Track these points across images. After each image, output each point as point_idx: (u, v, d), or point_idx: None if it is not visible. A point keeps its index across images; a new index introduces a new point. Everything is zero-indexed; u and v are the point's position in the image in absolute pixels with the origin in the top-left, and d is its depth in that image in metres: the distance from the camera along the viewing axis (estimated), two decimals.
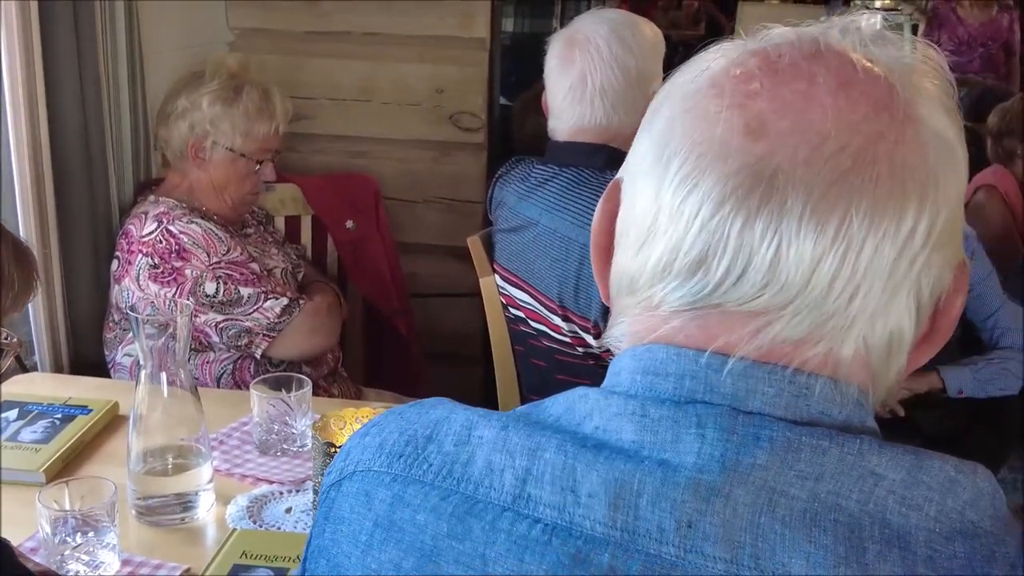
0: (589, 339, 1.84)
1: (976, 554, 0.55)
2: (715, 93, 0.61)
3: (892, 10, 6.78)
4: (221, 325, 1.97)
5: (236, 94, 2.06)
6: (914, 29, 6.20)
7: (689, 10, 8.01)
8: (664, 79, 0.67)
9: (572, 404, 0.64)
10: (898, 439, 0.59)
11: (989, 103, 3.57)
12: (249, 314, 1.97)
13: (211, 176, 2.08)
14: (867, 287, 0.58)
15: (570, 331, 1.86)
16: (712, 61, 0.64)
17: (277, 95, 2.12)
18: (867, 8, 6.69)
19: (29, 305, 1.94)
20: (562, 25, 1.97)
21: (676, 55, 0.70)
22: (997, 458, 2.57)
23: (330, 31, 2.71)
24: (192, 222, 1.99)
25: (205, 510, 1.43)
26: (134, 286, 1.96)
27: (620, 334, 0.67)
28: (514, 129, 3.24)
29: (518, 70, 3.49)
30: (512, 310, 2.03)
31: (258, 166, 2.10)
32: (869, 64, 0.61)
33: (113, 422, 1.68)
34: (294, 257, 2.29)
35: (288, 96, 2.19)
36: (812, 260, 0.57)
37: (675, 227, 0.60)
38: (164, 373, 1.39)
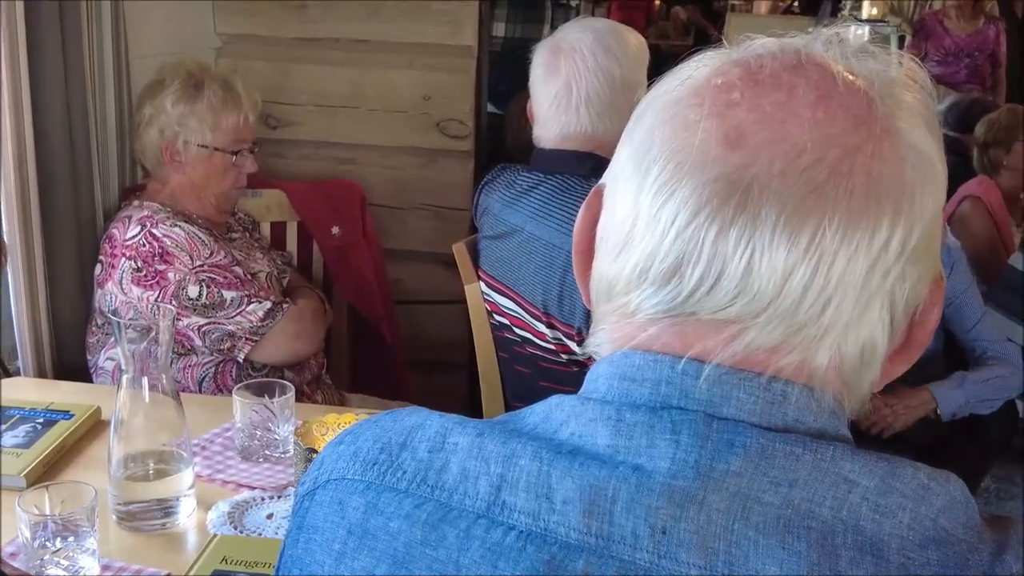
0: (573, 346, 1.84)
1: (949, 562, 0.56)
2: (696, 102, 0.62)
3: (879, 21, 6.82)
4: (204, 328, 1.96)
5: (197, 90, 2.06)
6: (900, 41, 6.24)
7: (678, 20, 8.06)
8: (649, 87, 0.68)
9: (549, 412, 0.64)
10: (885, 448, 0.59)
11: (977, 114, 3.59)
12: (232, 317, 1.97)
13: (190, 177, 2.08)
14: (839, 298, 0.58)
15: (554, 338, 1.86)
16: (695, 70, 0.64)
17: (240, 85, 2.12)
18: (855, 20, 6.73)
19: (12, 310, 1.93)
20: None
21: (665, 65, 0.70)
22: (980, 468, 2.58)
23: (318, 37, 2.71)
24: (176, 225, 1.98)
25: (186, 515, 1.43)
26: (117, 290, 1.95)
27: (600, 341, 0.67)
28: (514, 128, 3.23)
29: (509, 77, 3.49)
30: (497, 317, 2.03)
31: (234, 158, 2.09)
32: (850, 77, 0.61)
33: (95, 427, 1.67)
34: (279, 262, 2.29)
35: (256, 90, 2.18)
36: (784, 270, 0.58)
37: (652, 234, 0.60)
38: (146, 378, 1.38)
